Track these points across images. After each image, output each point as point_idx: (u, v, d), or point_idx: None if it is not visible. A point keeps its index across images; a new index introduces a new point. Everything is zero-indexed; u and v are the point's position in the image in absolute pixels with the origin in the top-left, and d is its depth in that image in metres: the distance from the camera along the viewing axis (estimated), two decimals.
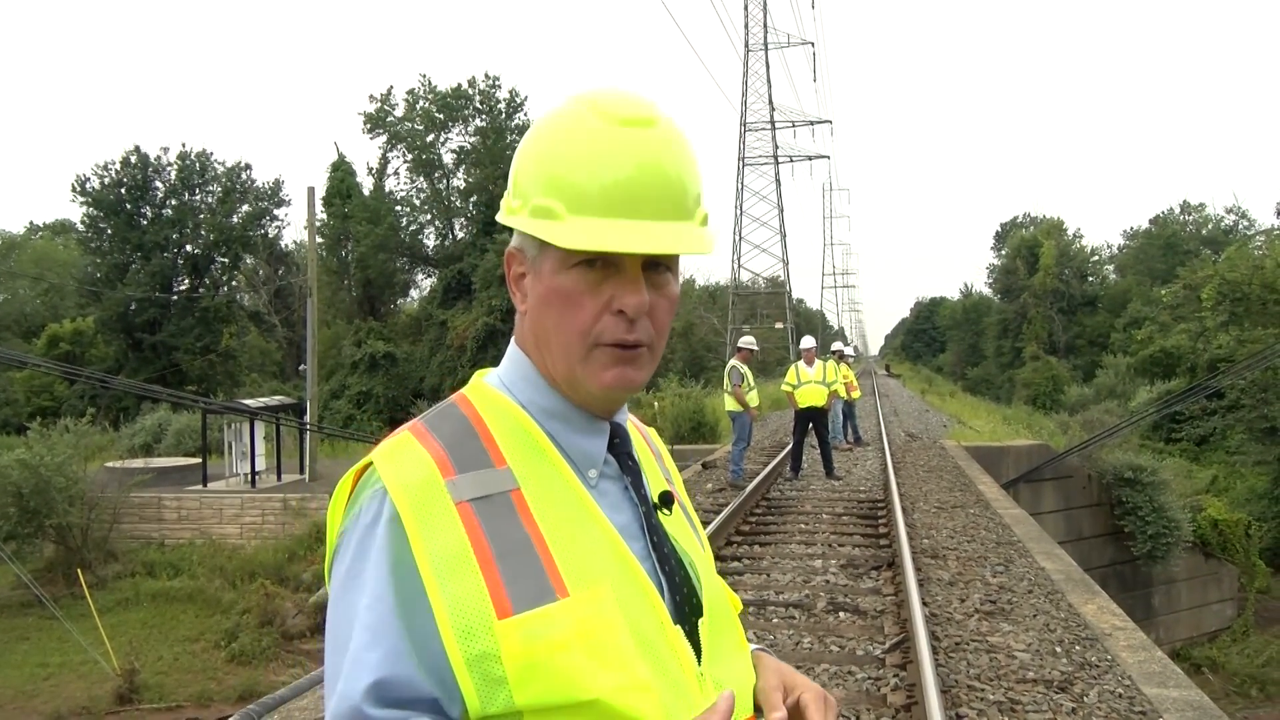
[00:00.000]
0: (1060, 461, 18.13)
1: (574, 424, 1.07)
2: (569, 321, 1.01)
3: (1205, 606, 20.37)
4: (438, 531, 0.94)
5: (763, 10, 59.03)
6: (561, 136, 1.01)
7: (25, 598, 15.01)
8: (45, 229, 63.64)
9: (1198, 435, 33.28)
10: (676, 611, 1.04)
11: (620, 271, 1.00)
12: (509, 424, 1.05)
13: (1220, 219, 62.57)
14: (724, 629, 1.12)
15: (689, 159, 1.04)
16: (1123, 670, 5.41)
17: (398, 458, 0.99)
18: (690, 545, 1.14)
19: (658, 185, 0.99)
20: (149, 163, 46.88)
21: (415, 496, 0.96)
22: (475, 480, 0.98)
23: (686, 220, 1.02)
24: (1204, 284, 34.80)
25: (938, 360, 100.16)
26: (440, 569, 0.93)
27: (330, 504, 1.06)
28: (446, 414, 1.06)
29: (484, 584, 0.93)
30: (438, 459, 0.99)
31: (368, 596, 0.94)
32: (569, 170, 0.99)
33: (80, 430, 18.54)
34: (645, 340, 1.03)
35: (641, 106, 1.02)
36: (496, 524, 0.96)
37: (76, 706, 12.16)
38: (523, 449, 1.03)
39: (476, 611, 0.92)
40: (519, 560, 0.95)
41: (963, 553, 8.74)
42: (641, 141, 1.00)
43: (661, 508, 1.12)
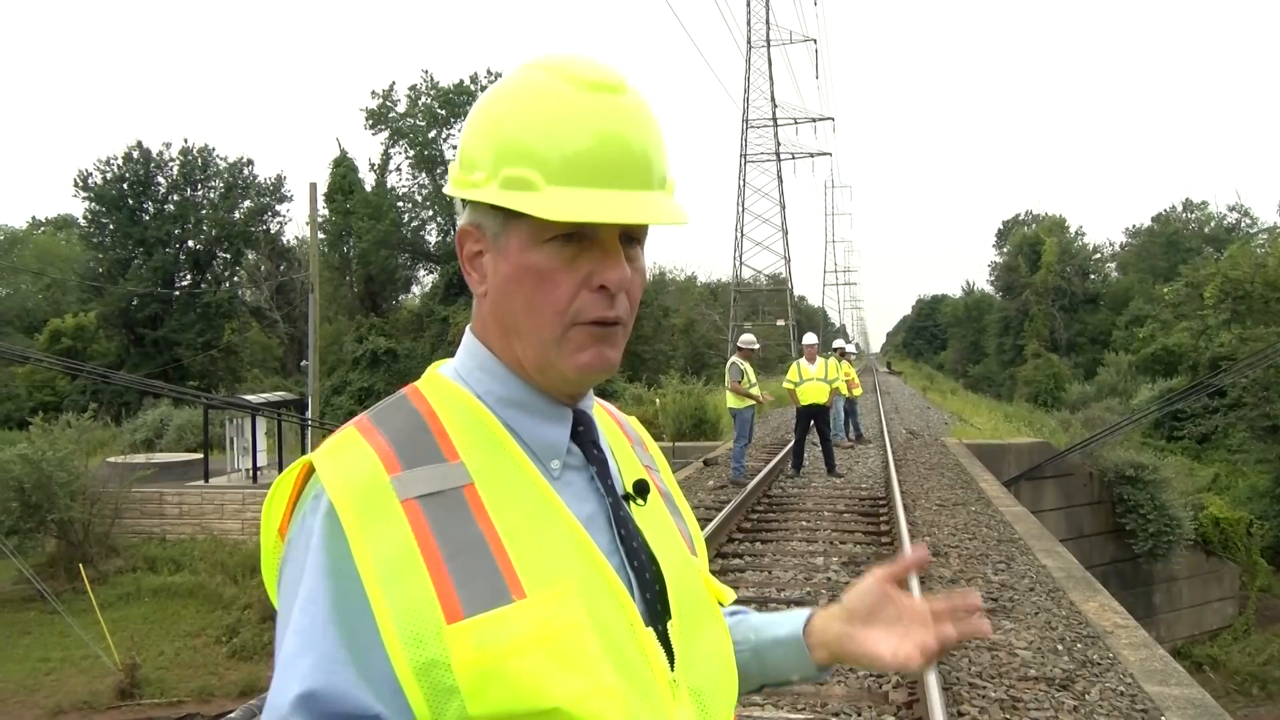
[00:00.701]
0: (1061, 459, 18.14)
1: (535, 412, 0.99)
2: (544, 300, 0.94)
3: (1206, 605, 20.39)
4: (381, 532, 0.86)
5: (765, 7, 59.00)
6: (530, 104, 0.94)
7: (27, 592, 15.04)
8: (47, 224, 63.66)
9: (1199, 433, 33.31)
10: (648, 611, 0.97)
11: (596, 245, 0.94)
12: (463, 415, 0.98)
13: (1223, 217, 62.46)
14: (701, 630, 1.04)
15: (658, 127, 0.99)
16: (1124, 668, 5.42)
17: (338, 455, 0.92)
18: (666, 538, 1.06)
19: (634, 154, 0.94)
20: (151, 158, 46.91)
21: (356, 495, 0.88)
22: (424, 476, 0.90)
23: (660, 190, 0.97)
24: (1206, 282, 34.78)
25: (939, 357, 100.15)
26: (384, 572, 0.85)
27: (264, 507, 0.98)
28: (396, 407, 0.99)
29: (432, 586, 0.85)
30: (382, 454, 0.91)
31: (301, 599, 0.86)
32: (544, 138, 0.92)
33: (82, 425, 18.55)
34: (623, 316, 0.97)
35: (609, 72, 0.96)
36: (446, 522, 0.89)
37: (78, 701, 12.18)
38: (478, 441, 0.96)
39: (424, 616, 0.84)
40: (471, 560, 0.87)
41: (964, 550, 8.75)
42: (615, 108, 0.94)
43: (635, 498, 1.05)
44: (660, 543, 1.03)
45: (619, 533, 0.99)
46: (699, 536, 1.18)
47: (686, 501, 1.22)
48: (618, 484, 1.04)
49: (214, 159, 48.49)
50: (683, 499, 1.20)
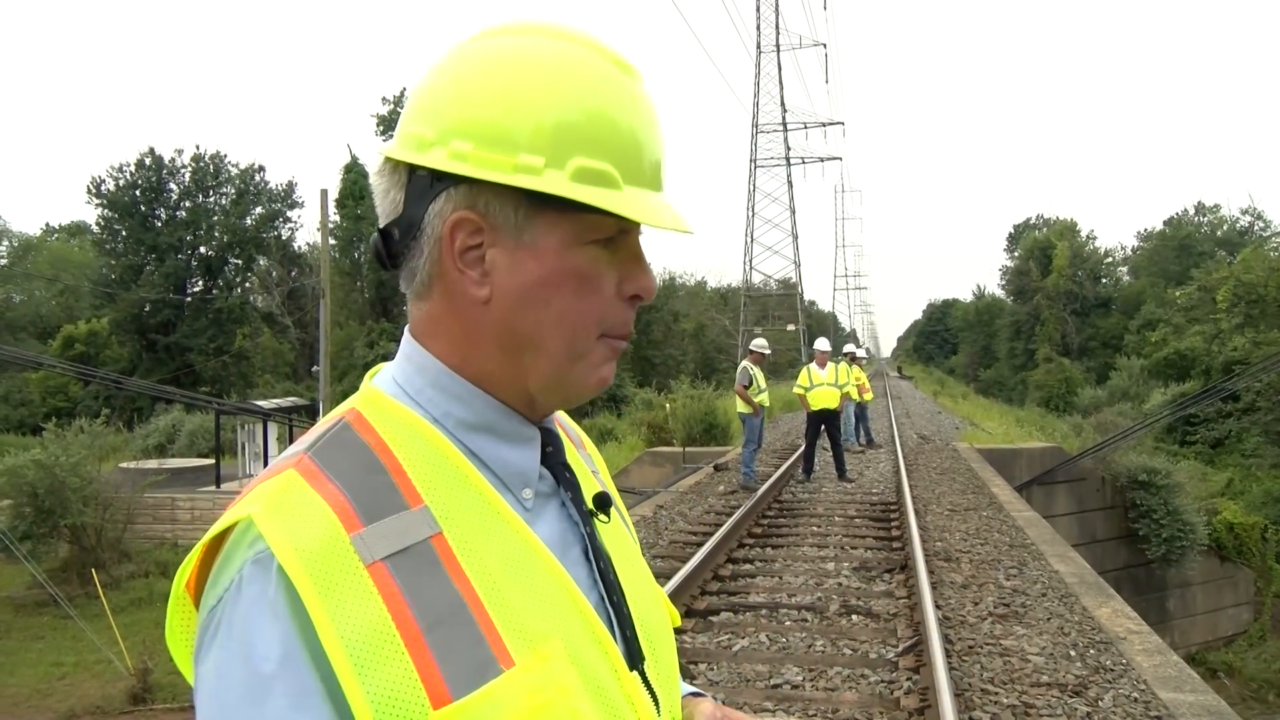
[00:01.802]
0: (1074, 464, 18.06)
1: (505, 436, 0.86)
2: (584, 308, 0.83)
3: (1221, 610, 20.27)
4: (349, 608, 0.72)
5: (775, 12, 59.07)
6: (589, 83, 0.82)
7: (40, 597, 15.10)
8: (61, 231, 64.08)
9: (1213, 438, 33.13)
10: (628, 652, 0.87)
11: (626, 251, 0.85)
12: (420, 447, 0.83)
13: (1236, 220, 62.22)
14: (670, 662, 0.96)
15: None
16: (1138, 674, 5.38)
17: (282, 510, 0.75)
18: (628, 557, 0.97)
19: (663, 153, 0.87)
20: (163, 164, 47.21)
21: (314, 563, 0.72)
22: (388, 530, 0.76)
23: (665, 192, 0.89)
24: (1219, 285, 34.67)
25: (950, 362, 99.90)
26: (356, 655, 0.71)
27: (176, 575, 0.82)
28: (341, 441, 0.82)
29: (413, 667, 0.72)
30: (338, 507, 0.76)
31: (288, 696, 0.71)
32: (617, 128, 0.82)
33: (95, 431, 18.62)
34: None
35: (624, 52, 0.87)
36: (419, 585, 0.75)
37: (90, 706, 12.22)
38: (441, 478, 0.82)
39: (407, 703, 0.72)
40: (451, 630, 0.75)
41: (976, 555, 8.71)
42: (649, 99, 0.86)
43: (598, 514, 0.93)
44: (624, 564, 0.94)
45: (597, 565, 0.89)
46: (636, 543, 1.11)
47: (624, 505, 1.11)
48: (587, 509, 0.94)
49: (226, 165, 48.79)
50: (622, 504, 1.08)
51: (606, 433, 26.17)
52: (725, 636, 6.36)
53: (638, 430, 23.69)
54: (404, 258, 0.86)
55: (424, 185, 0.82)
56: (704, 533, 9.61)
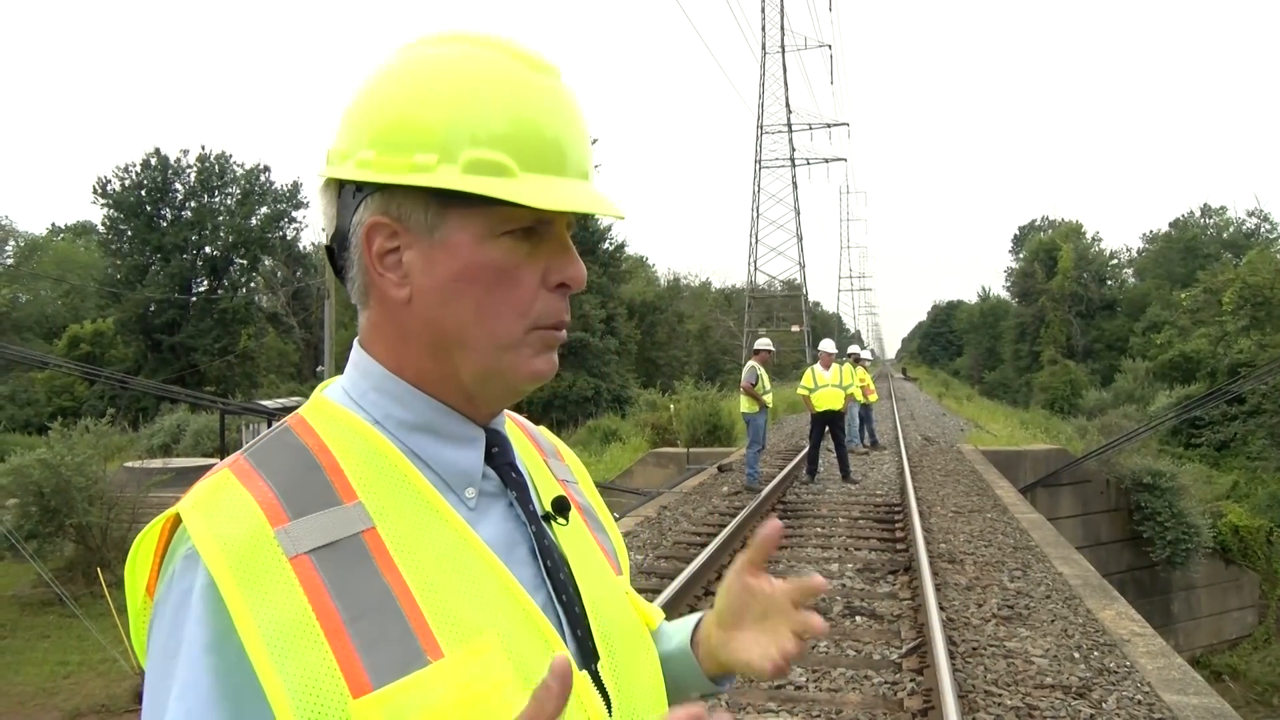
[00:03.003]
0: (1078, 466, 18.04)
1: (445, 435, 0.87)
2: (504, 301, 0.84)
3: (1225, 613, 20.23)
4: (267, 598, 0.74)
5: (780, 13, 59.09)
6: (485, 79, 0.83)
7: (46, 596, 15.14)
8: (66, 231, 64.24)
9: (1218, 440, 33.06)
10: (580, 652, 0.87)
11: (551, 239, 0.86)
12: (359, 446, 0.85)
13: (1242, 222, 62.03)
14: (635, 662, 0.95)
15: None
16: (1141, 677, 5.38)
17: (211, 507, 0.78)
18: (590, 560, 0.97)
19: (582, 140, 0.87)
20: (169, 165, 47.32)
21: (236, 557, 0.75)
22: (316, 525, 0.78)
23: (591, 179, 0.89)
24: (1225, 288, 34.60)
25: (955, 364, 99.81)
26: (274, 645, 0.73)
27: (128, 563, 0.84)
28: (278, 444, 0.84)
29: (332, 656, 0.73)
30: (265, 503, 0.78)
31: (178, 685, 0.74)
32: (513, 121, 0.83)
33: (100, 430, 18.64)
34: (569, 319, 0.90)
35: (543, 53, 0.88)
36: (345, 577, 0.76)
37: (95, 704, 12.24)
38: (378, 476, 0.83)
39: (325, 692, 0.72)
40: (376, 620, 0.75)
41: (980, 557, 8.71)
42: (562, 93, 0.87)
43: (556, 517, 0.95)
44: (584, 567, 0.94)
45: (544, 564, 0.89)
46: (623, 552, 1.09)
47: (609, 513, 1.12)
48: (537, 506, 0.94)
49: (231, 165, 48.88)
50: (606, 512, 1.11)
51: (611, 433, 26.19)
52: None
53: (642, 431, 23.71)
54: (345, 270, 0.89)
55: (348, 197, 0.86)
56: (708, 534, 9.61)
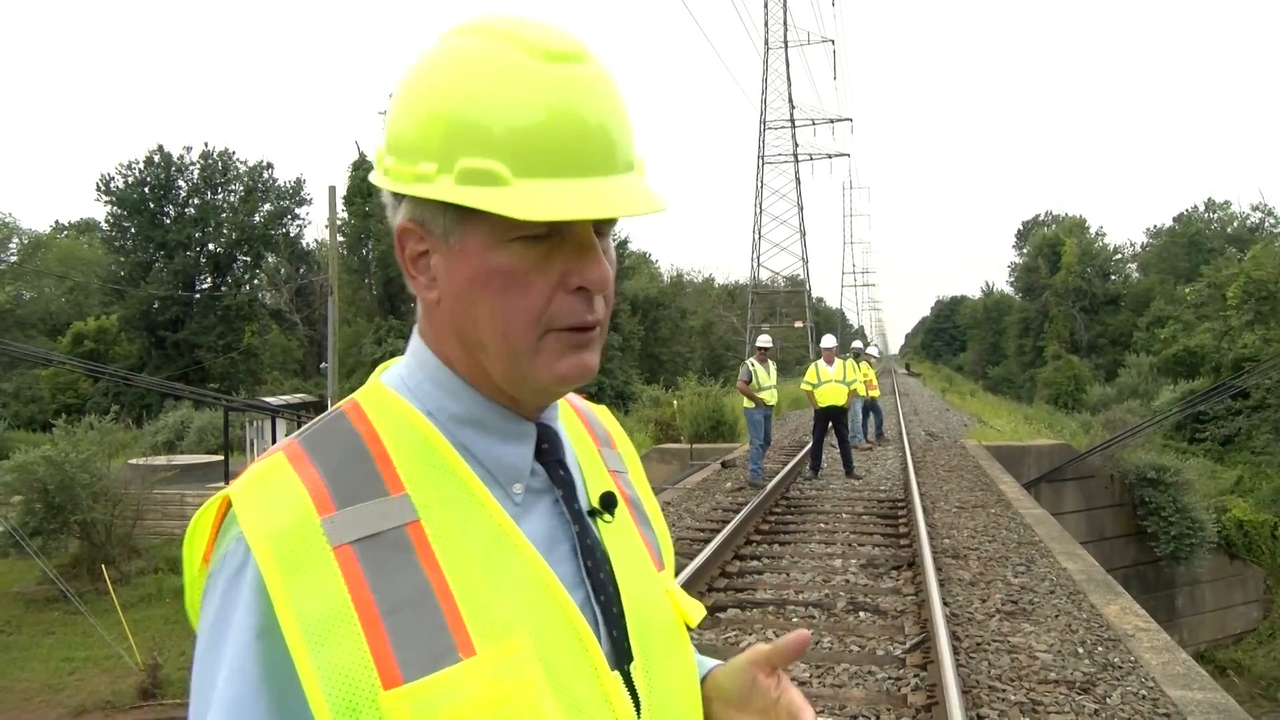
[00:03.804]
0: (1082, 461, 18.03)
1: (495, 431, 0.88)
2: (514, 306, 0.82)
3: (1230, 608, 20.22)
4: (309, 588, 0.76)
5: (783, 8, 58.98)
6: (484, 78, 0.80)
7: (51, 593, 15.18)
8: (70, 228, 64.30)
9: (1222, 435, 33.04)
10: (614, 652, 0.87)
11: (569, 241, 0.83)
12: (409, 437, 0.85)
13: (1246, 217, 61.88)
14: (669, 663, 0.94)
15: (622, 99, 0.86)
16: (1146, 672, 5.38)
17: (261, 493, 0.80)
18: (632, 557, 0.95)
19: (605, 134, 0.82)
20: (172, 162, 47.35)
21: (281, 545, 0.77)
22: (361, 515, 0.79)
23: (630, 172, 0.84)
24: (1229, 282, 34.57)
25: (958, 359, 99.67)
26: (311, 634, 0.75)
27: (185, 541, 0.86)
28: (332, 429, 0.86)
29: (367, 648, 0.75)
30: (313, 490, 0.79)
31: (226, 668, 0.77)
32: (507, 121, 0.79)
33: (104, 427, 18.69)
34: (601, 319, 0.87)
35: (568, 38, 0.83)
36: (385, 570, 0.78)
37: (100, 700, 12.27)
38: (426, 468, 0.84)
39: (357, 682, 0.74)
40: (412, 615, 0.77)
41: (984, 553, 8.71)
42: (579, 81, 0.81)
43: (602, 512, 0.94)
44: (626, 564, 0.93)
45: (585, 563, 0.88)
46: (668, 546, 1.07)
47: (656, 503, 1.10)
48: (584, 501, 0.94)
49: (234, 162, 48.91)
50: (653, 503, 1.09)
51: None
52: (732, 633, 6.36)
53: (645, 427, 23.70)
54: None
55: (391, 199, 0.87)
56: (711, 529, 9.62)
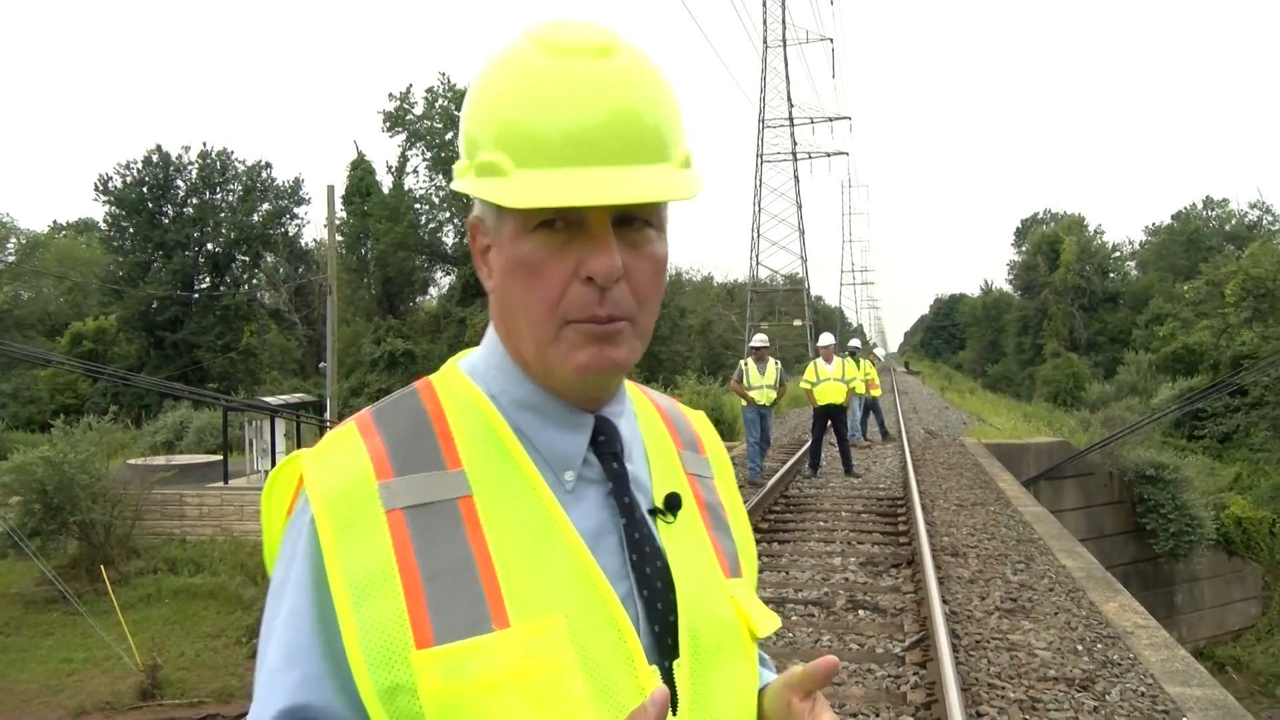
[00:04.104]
0: (1081, 459, 18.03)
1: (551, 418, 0.91)
2: (534, 295, 0.85)
3: (1229, 605, 20.23)
4: (359, 546, 0.81)
5: (781, 7, 58.94)
6: (504, 78, 0.85)
7: (50, 594, 15.15)
8: (68, 228, 64.23)
9: (1221, 432, 33.06)
10: (655, 646, 0.88)
11: (584, 231, 0.84)
12: (473, 418, 0.90)
13: (1244, 214, 61.95)
14: (720, 668, 0.92)
15: (659, 92, 0.87)
16: (1145, 669, 5.38)
17: (328, 457, 0.87)
18: (696, 560, 0.95)
19: (620, 124, 0.83)
20: (170, 161, 47.27)
21: (337, 505, 0.83)
22: (416, 485, 0.84)
23: (659, 163, 0.85)
24: (1227, 280, 34.59)
25: (957, 357, 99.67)
26: (357, 589, 0.80)
27: (265, 491, 0.94)
28: (402, 404, 0.92)
29: (404, 607, 0.79)
30: (375, 457, 0.85)
31: (285, 611, 0.84)
32: (513, 116, 0.83)
33: (103, 428, 18.65)
34: (622, 312, 0.86)
35: (595, 34, 0.85)
36: (431, 537, 0.82)
37: (100, 701, 12.27)
38: (484, 448, 0.88)
39: (392, 638, 0.79)
40: (452, 582, 0.81)
41: (983, 550, 8.71)
42: (597, 74, 0.83)
43: (665, 513, 0.94)
44: (686, 566, 0.93)
45: (631, 557, 0.89)
46: (749, 555, 1.06)
47: (745, 513, 1.10)
48: (645, 498, 0.95)
49: (232, 162, 48.83)
50: (740, 512, 1.08)
51: None
52: None
53: None
54: None
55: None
56: None
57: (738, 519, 1.07)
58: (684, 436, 1.07)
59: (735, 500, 1.09)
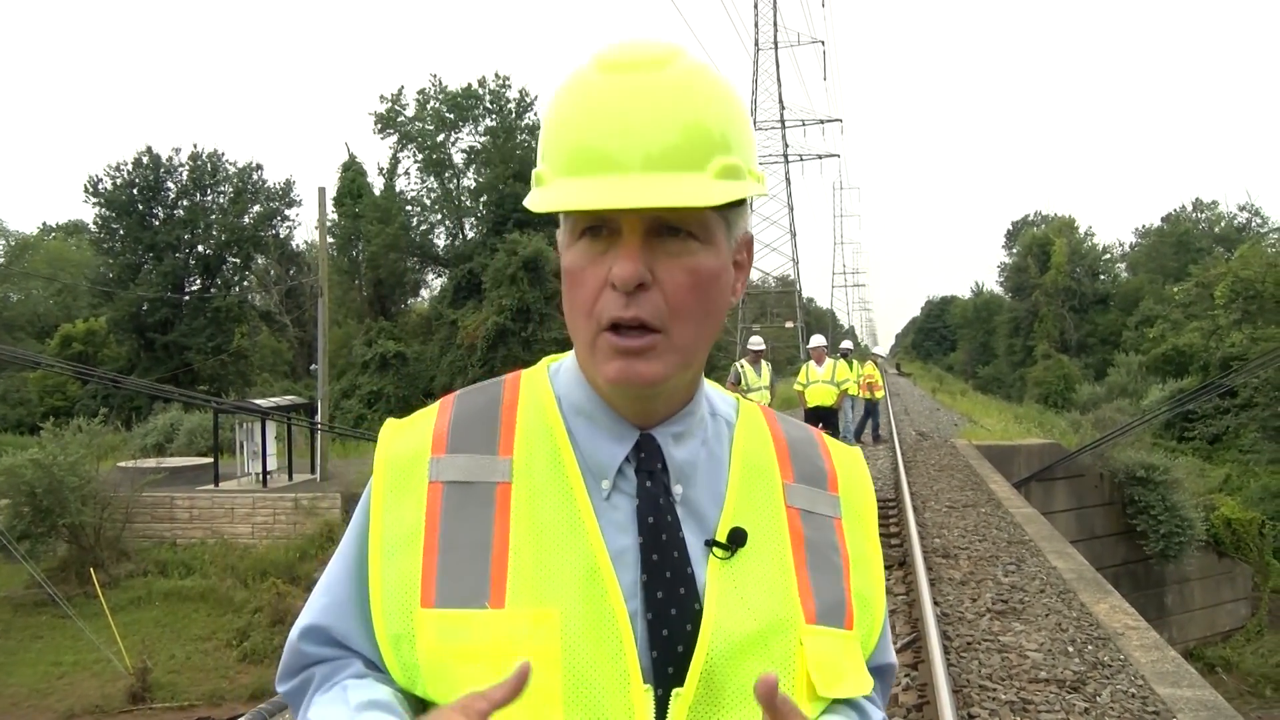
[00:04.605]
0: (1072, 460, 18.06)
1: (598, 425, 0.94)
2: (575, 300, 0.89)
3: (1219, 606, 20.28)
4: (400, 508, 0.92)
5: (773, 9, 59.03)
6: (559, 95, 0.89)
7: (39, 597, 15.09)
8: (58, 230, 63.99)
9: (1210, 434, 33.18)
10: (653, 669, 0.87)
11: (618, 239, 0.86)
12: (536, 414, 0.96)
13: (1233, 217, 62.18)
14: (730, 712, 0.88)
15: (704, 102, 0.86)
16: (1135, 670, 5.39)
17: (403, 426, 0.99)
18: (749, 596, 0.91)
19: (650, 133, 0.83)
20: (160, 163, 47.06)
21: (393, 470, 0.94)
22: (463, 463, 0.93)
23: (692, 171, 0.84)
24: (1217, 282, 34.72)
25: (949, 359, 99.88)
26: (389, 545, 0.91)
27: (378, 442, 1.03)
28: (485, 389, 1.01)
29: (420, 569, 0.89)
30: (437, 433, 0.95)
31: (340, 549, 0.98)
32: (558, 129, 0.87)
33: (93, 430, 18.60)
34: (650, 319, 0.85)
35: (647, 49, 0.87)
36: (461, 513, 0.90)
37: (90, 705, 12.22)
38: (539, 443, 0.94)
39: (404, 593, 0.89)
40: (465, 555, 0.88)
41: (974, 552, 8.72)
42: (637, 87, 0.85)
43: (722, 547, 0.92)
44: (737, 602, 0.90)
45: (642, 577, 0.89)
46: (868, 608, 1.01)
47: (871, 562, 1.03)
48: (701, 526, 0.93)
49: (223, 164, 48.63)
50: (868, 560, 1.03)
51: None
52: None
53: None
54: None
55: None
56: None
57: (863, 569, 1.02)
58: (803, 469, 1.02)
59: (867, 550, 1.03)
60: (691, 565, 0.91)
